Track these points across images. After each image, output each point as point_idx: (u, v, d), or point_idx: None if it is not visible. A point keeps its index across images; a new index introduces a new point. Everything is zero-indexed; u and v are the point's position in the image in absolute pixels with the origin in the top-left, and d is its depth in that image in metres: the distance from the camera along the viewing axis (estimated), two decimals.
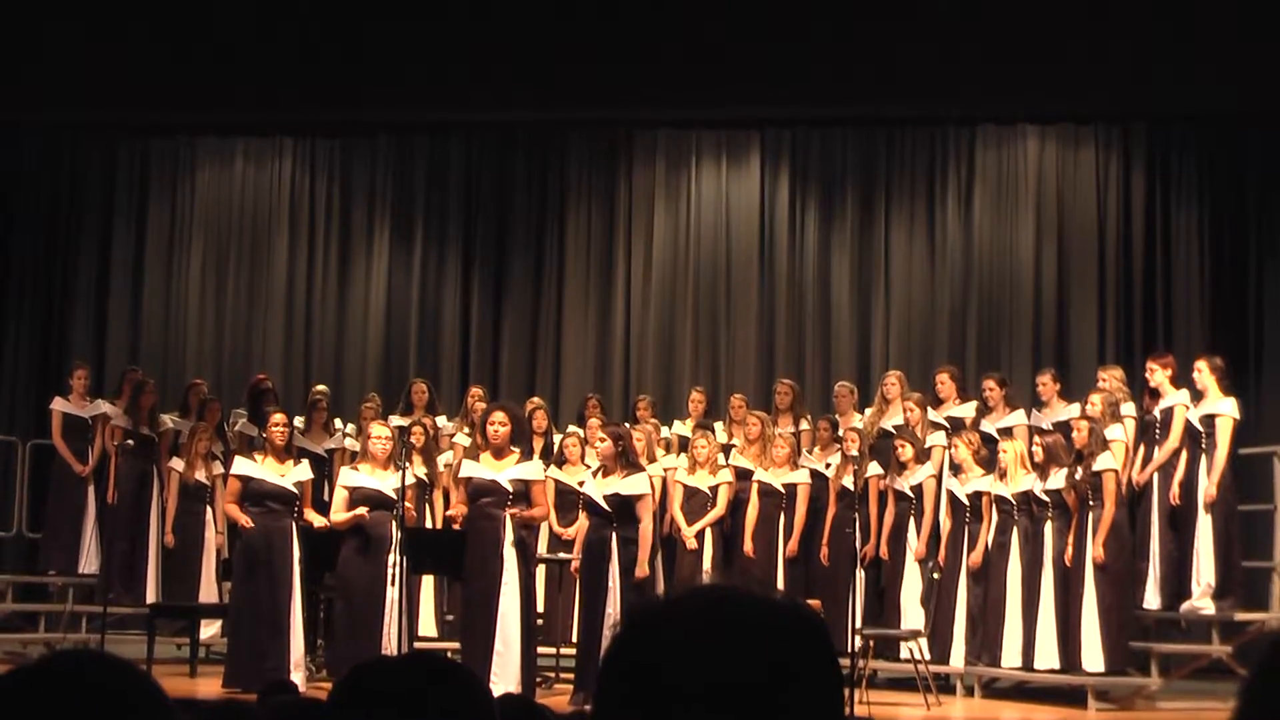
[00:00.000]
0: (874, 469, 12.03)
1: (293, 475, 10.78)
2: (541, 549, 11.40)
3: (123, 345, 15.16)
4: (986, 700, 11.29)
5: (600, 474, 10.54)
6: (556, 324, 15.10)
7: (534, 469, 10.46)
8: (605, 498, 10.29)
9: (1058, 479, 10.87)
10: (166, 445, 13.13)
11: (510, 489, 10.12)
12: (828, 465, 12.37)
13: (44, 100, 14.15)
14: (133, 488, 12.77)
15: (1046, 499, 10.94)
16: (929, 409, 12.32)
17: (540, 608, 11.10)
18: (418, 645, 11.25)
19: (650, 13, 13.51)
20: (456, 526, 10.66)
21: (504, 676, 9.83)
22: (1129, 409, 11.48)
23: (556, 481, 11.90)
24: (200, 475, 12.69)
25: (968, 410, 12.31)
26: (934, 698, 10.64)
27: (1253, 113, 13.63)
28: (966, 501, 11.44)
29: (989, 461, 11.53)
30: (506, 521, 10.08)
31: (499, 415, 10.39)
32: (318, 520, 10.70)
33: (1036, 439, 11.29)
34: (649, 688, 1.35)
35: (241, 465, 10.86)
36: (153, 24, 13.76)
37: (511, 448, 10.33)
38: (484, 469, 10.26)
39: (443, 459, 12.71)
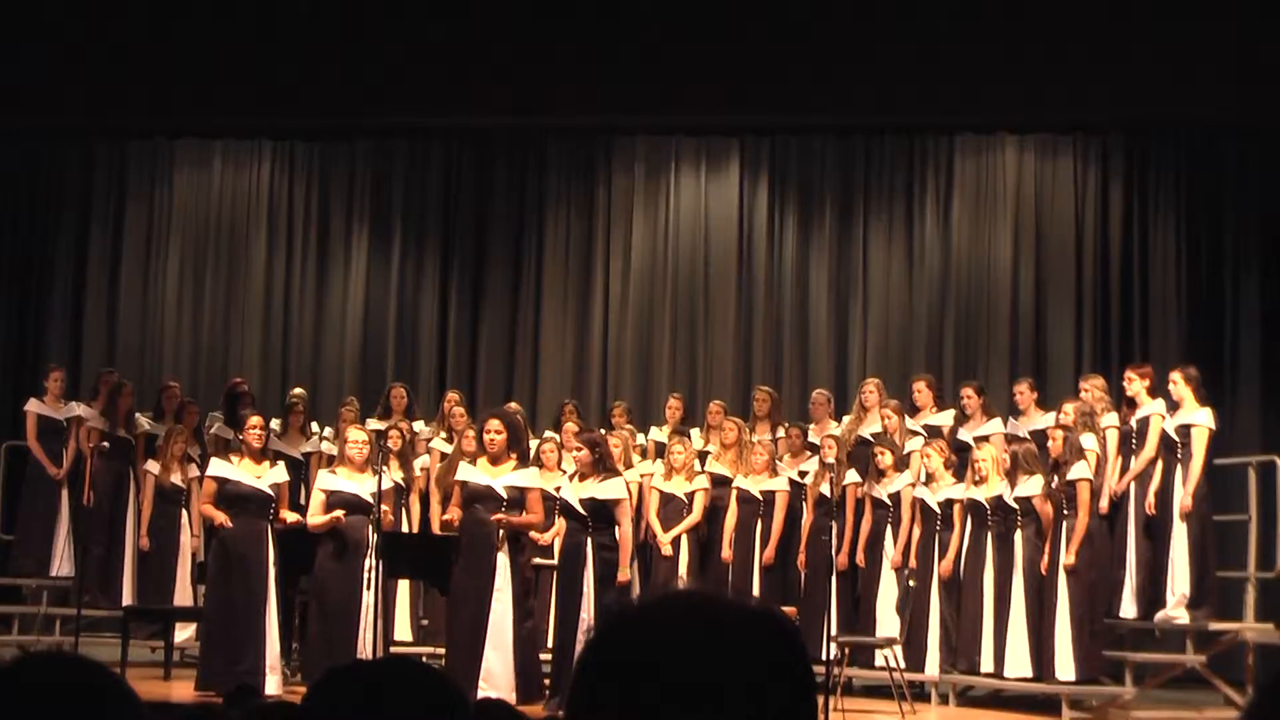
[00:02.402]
0: (852, 476, 12.05)
1: (268, 478, 10.76)
2: None
3: (99, 347, 15.11)
4: (961, 708, 11.30)
5: (577, 479, 10.55)
6: (534, 329, 15.09)
7: (530, 477, 10.47)
8: (581, 502, 10.29)
9: (1027, 486, 10.91)
10: (142, 447, 13.10)
11: (505, 495, 10.15)
12: (803, 474, 12.39)
13: (21, 101, 14.09)
14: (108, 490, 12.73)
15: (1016, 506, 10.97)
16: (906, 417, 12.34)
17: None
18: (393, 650, 11.23)
19: (629, 19, 13.51)
20: (447, 527, 10.67)
21: (494, 682, 9.84)
22: (1110, 419, 11.50)
23: None
24: (176, 478, 12.65)
25: (945, 418, 12.34)
26: (909, 705, 10.65)
27: (1230, 124, 13.69)
28: (937, 509, 11.46)
29: (960, 469, 11.56)
30: (500, 527, 10.12)
31: (494, 423, 10.42)
32: (290, 516, 10.69)
33: (1007, 446, 11.33)
34: (622, 690, 1.35)
35: (217, 467, 10.83)
36: (131, 26, 13.73)
37: (508, 455, 10.36)
38: (480, 474, 10.28)
39: (419, 463, 12.71)
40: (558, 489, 10.97)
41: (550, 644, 10.81)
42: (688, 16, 13.49)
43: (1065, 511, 10.75)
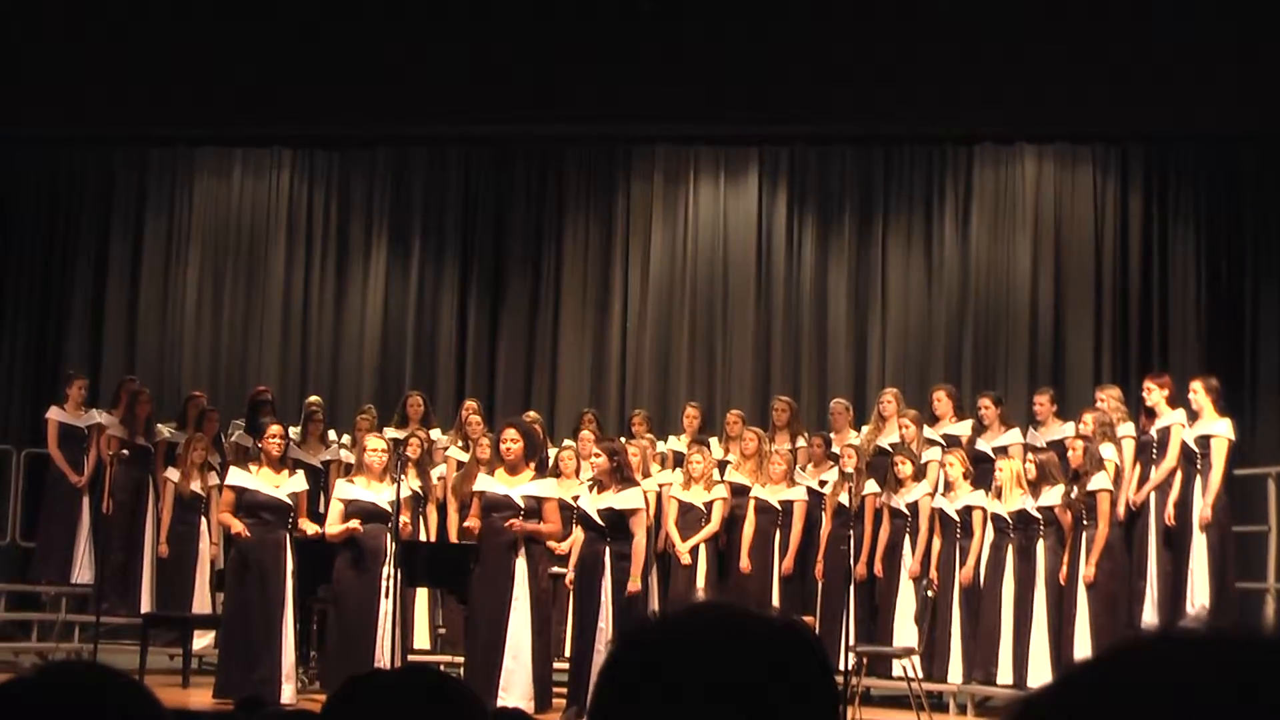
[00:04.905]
0: (870, 486, 12.03)
1: (287, 486, 10.77)
2: None
3: (119, 355, 15.13)
4: (980, 718, 11.28)
5: (595, 489, 10.56)
6: (553, 338, 15.10)
7: (548, 487, 10.50)
8: (599, 512, 10.30)
9: (1051, 496, 10.90)
10: (162, 455, 13.13)
11: (522, 504, 10.18)
12: (822, 483, 12.37)
13: (41, 109, 14.13)
14: (128, 498, 12.75)
15: (1039, 516, 10.96)
16: (924, 427, 12.33)
17: None
18: (411, 658, 11.24)
19: (649, 29, 13.52)
20: (466, 535, 10.70)
21: (513, 691, 9.86)
22: (1127, 429, 11.48)
23: None
24: (195, 486, 12.67)
25: (963, 429, 12.31)
26: (927, 716, 10.63)
27: (1250, 134, 13.65)
28: (957, 518, 11.45)
29: (978, 479, 11.55)
30: (519, 536, 10.15)
31: (510, 432, 10.46)
32: (310, 528, 10.71)
33: (1031, 456, 11.31)
34: (643, 702, 1.35)
35: (236, 476, 10.86)
36: (151, 33, 13.77)
37: (526, 464, 10.39)
38: (498, 484, 10.31)
39: (436, 472, 12.72)
40: (576, 498, 10.98)
41: (568, 653, 10.83)
42: (706, 26, 13.49)
43: (1085, 522, 10.73)
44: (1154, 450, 11.27)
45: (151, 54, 13.80)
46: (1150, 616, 11.10)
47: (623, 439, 12.16)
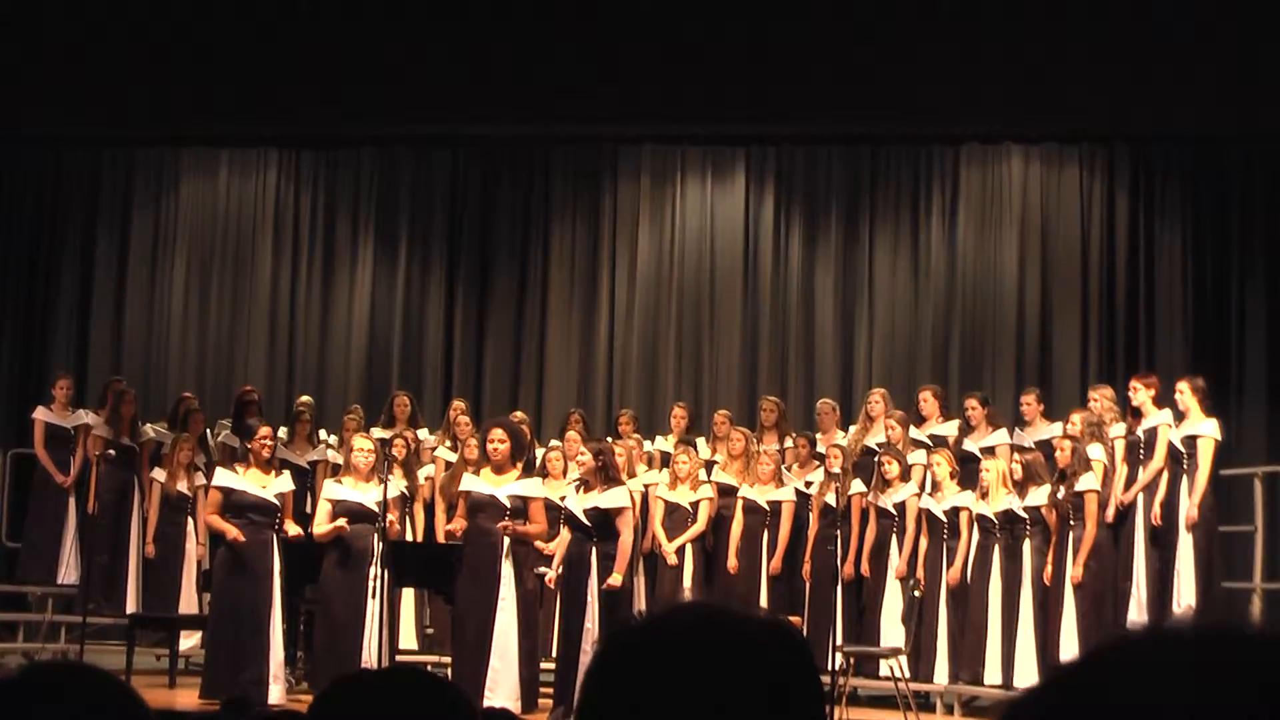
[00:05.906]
0: (857, 486, 12.03)
1: (274, 487, 10.75)
2: None
3: (105, 356, 15.11)
4: (966, 718, 11.29)
5: (582, 489, 10.56)
6: (540, 338, 15.09)
7: (533, 486, 10.50)
8: (585, 512, 10.29)
9: (1037, 496, 10.91)
10: (147, 455, 13.10)
11: (508, 504, 10.18)
12: (808, 484, 12.38)
13: (27, 109, 14.10)
14: (113, 498, 12.72)
15: (1025, 516, 10.97)
16: (911, 427, 12.34)
17: None
18: (398, 658, 11.24)
19: (636, 28, 13.52)
20: (452, 538, 10.71)
21: (500, 691, 9.86)
22: (1119, 429, 11.49)
23: None
24: (182, 486, 12.65)
25: (950, 429, 12.32)
26: (914, 715, 10.64)
27: (1236, 134, 13.67)
28: (944, 518, 11.46)
29: (965, 479, 11.56)
30: (504, 536, 10.15)
31: (497, 433, 10.47)
32: (293, 529, 10.69)
33: (1016, 457, 11.33)
34: (631, 703, 1.35)
35: (223, 477, 10.83)
36: (137, 33, 13.74)
37: (512, 464, 10.39)
38: (483, 484, 10.31)
39: (423, 472, 12.71)
40: (562, 499, 10.99)
41: (554, 654, 10.82)
42: (693, 27, 13.48)
43: (1072, 522, 10.75)
44: (1141, 450, 11.29)
45: (138, 55, 13.77)
46: (1136, 616, 11.11)
47: (610, 439, 12.16)
